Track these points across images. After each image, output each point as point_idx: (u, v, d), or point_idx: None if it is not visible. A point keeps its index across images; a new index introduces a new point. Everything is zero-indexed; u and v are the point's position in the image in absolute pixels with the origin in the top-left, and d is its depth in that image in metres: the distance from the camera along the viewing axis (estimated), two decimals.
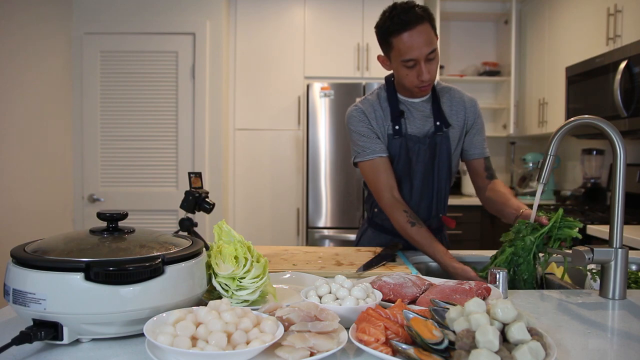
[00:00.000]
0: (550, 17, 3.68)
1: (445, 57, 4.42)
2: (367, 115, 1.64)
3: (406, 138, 1.64)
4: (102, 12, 3.69)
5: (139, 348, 0.80)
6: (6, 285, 0.81)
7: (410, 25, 1.45)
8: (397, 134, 1.63)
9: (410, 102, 1.66)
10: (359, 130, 1.64)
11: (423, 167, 1.67)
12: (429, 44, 1.47)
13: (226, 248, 0.97)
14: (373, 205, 1.80)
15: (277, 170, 4.04)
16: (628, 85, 2.54)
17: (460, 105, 1.69)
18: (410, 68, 1.51)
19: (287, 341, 0.74)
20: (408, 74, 1.53)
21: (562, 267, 1.50)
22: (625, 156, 1.10)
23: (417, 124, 1.66)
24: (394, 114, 1.64)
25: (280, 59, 3.99)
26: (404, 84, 1.58)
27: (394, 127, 1.64)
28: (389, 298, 0.99)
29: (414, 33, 1.45)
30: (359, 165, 1.67)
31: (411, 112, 1.66)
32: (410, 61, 1.49)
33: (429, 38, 1.47)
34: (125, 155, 3.73)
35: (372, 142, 1.62)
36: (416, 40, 1.46)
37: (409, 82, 1.55)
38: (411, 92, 1.62)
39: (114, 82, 3.70)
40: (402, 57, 1.49)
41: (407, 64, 1.50)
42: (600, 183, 3.45)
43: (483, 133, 1.71)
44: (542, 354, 0.68)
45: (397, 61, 1.52)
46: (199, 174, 1.31)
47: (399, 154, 1.65)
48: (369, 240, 1.82)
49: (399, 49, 1.49)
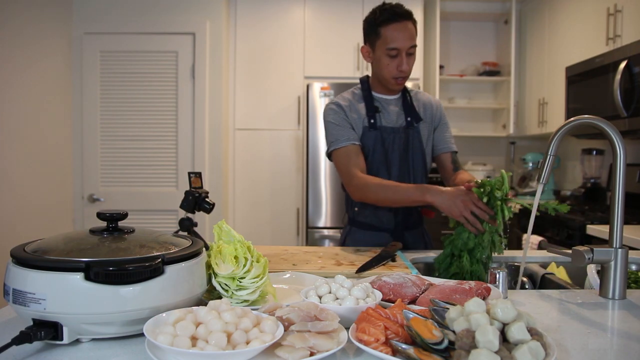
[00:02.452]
0: (550, 17, 3.68)
1: (445, 57, 4.42)
2: (344, 108, 1.76)
3: (381, 130, 1.76)
4: (102, 12, 3.69)
5: (139, 348, 0.80)
6: (6, 285, 0.81)
7: (399, 17, 1.65)
8: (372, 127, 1.76)
9: (384, 99, 1.81)
10: (335, 120, 1.75)
11: (399, 157, 1.78)
12: (412, 39, 1.67)
13: (226, 248, 0.97)
14: (353, 204, 1.86)
15: (277, 170, 4.04)
16: (628, 85, 2.54)
17: (427, 105, 1.85)
18: (392, 57, 1.68)
19: (287, 341, 0.74)
20: (389, 64, 1.69)
21: (562, 267, 1.50)
22: (625, 156, 1.10)
23: (391, 118, 1.79)
24: (369, 109, 1.77)
25: (280, 59, 3.99)
26: (383, 75, 1.72)
27: (370, 121, 1.76)
28: (389, 298, 0.99)
29: (401, 25, 1.65)
30: (333, 155, 1.75)
31: (385, 108, 1.80)
32: (394, 50, 1.66)
33: (412, 34, 1.68)
34: (125, 155, 3.73)
35: (346, 131, 1.73)
36: (402, 32, 1.65)
37: (388, 72, 1.70)
38: (387, 86, 1.76)
39: (114, 82, 3.70)
40: (388, 45, 1.66)
41: (390, 52, 1.67)
42: (600, 183, 3.45)
43: (449, 130, 1.87)
44: (542, 354, 0.68)
45: (382, 50, 1.68)
46: (199, 174, 1.31)
47: (375, 145, 1.76)
48: (355, 240, 1.85)
49: (386, 38, 1.66)
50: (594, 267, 1.29)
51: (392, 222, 1.80)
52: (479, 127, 4.45)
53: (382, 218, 1.81)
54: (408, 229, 1.82)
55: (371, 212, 1.81)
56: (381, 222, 1.81)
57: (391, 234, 1.81)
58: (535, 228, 3.02)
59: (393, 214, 1.80)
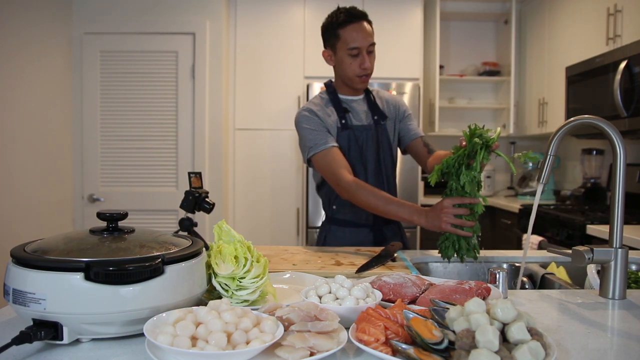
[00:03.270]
0: (550, 17, 3.68)
1: (445, 57, 4.42)
2: (317, 113, 1.79)
3: (353, 129, 1.81)
4: (102, 12, 3.69)
5: (139, 348, 0.80)
6: (6, 285, 0.81)
7: (355, 18, 1.72)
8: (345, 127, 1.80)
9: (350, 100, 1.86)
10: (310, 125, 1.76)
11: (373, 153, 1.83)
12: (370, 37, 1.74)
13: (226, 248, 0.97)
14: (331, 203, 1.89)
15: (277, 170, 4.04)
16: (628, 85, 2.54)
17: (390, 102, 1.91)
18: (354, 57, 1.73)
19: (287, 341, 0.74)
20: (352, 63, 1.74)
21: (562, 267, 1.50)
22: (625, 156, 1.10)
23: (360, 117, 1.85)
24: (338, 110, 1.82)
25: (280, 59, 3.99)
26: (347, 75, 1.77)
27: (341, 121, 1.80)
28: (389, 298, 0.99)
29: (358, 25, 1.72)
30: (313, 160, 1.75)
31: (353, 108, 1.85)
32: (354, 49, 1.72)
33: (370, 33, 1.74)
34: (125, 155, 3.73)
35: (324, 135, 1.75)
36: (360, 32, 1.72)
37: (351, 71, 1.75)
38: (351, 86, 1.81)
39: (114, 82, 3.70)
40: (349, 45, 1.72)
41: (352, 52, 1.72)
42: (600, 183, 3.45)
43: (413, 120, 1.93)
44: (542, 354, 0.68)
45: (343, 50, 1.74)
46: (199, 174, 1.31)
47: (349, 144, 1.80)
48: (335, 237, 1.88)
49: (346, 39, 1.73)
50: (594, 267, 1.29)
51: (370, 217, 1.84)
52: None
53: (361, 214, 1.84)
54: (387, 223, 1.86)
55: (350, 209, 1.84)
56: (360, 218, 1.85)
57: (370, 229, 1.85)
58: (535, 228, 3.02)
59: None
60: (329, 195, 1.88)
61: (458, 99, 4.36)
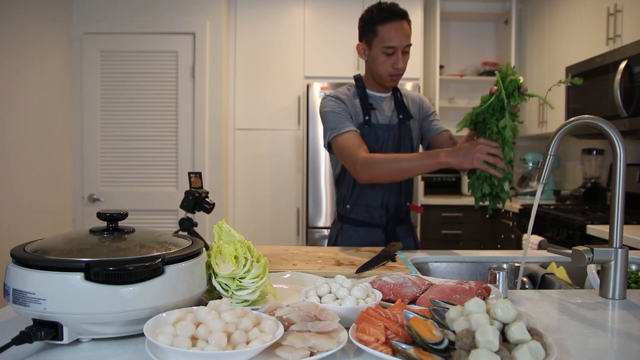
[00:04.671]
0: (550, 17, 3.68)
1: (445, 57, 4.42)
2: (343, 100, 1.79)
3: (375, 127, 1.79)
4: (102, 12, 3.69)
5: (139, 348, 0.80)
6: (6, 285, 0.81)
7: (396, 16, 1.70)
8: (367, 123, 1.79)
9: (378, 97, 1.84)
10: (335, 109, 1.75)
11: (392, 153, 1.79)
12: (408, 38, 1.72)
13: (226, 248, 0.97)
14: (345, 202, 1.88)
15: (277, 170, 4.04)
16: (628, 85, 2.54)
17: (415, 101, 1.90)
18: (388, 55, 1.71)
19: (287, 341, 0.74)
20: (385, 61, 1.72)
21: (562, 267, 1.50)
22: (625, 156, 1.10)
23: (386, 115, 1.83)
24: (364, 106, 1.80)
25: (280, 59, 3.99)
26: (379, 72, 1.75)
27: (365, 118, 1.79)
28: (389, 298, 0.99)
29: (398, 24, 1.69)
30: (332, 142, 1.73)
31: (379, 105, 1.83)
32: (390, 48, 1.69)
33: (408, 33, 1.72)
34: (125, 155, 3.73)
35: (347, 119, 1.74)
36: (399, 31, 1.69)
37: (384, 69, 1.73)
38: (382, 84, 1.79)
39: (114, 82, 3.70)
40: (385, 43, 1.69)
41: (387, 50, 1.70)
42: (600, 183, 3.45)
43: (437, 117, 1.93)
44: (542, 354, 0.68)
45: (378, 47, 1.72)
46: (199, 174, 1.31)
47: (369, 142, 1.77)
48: (348, 237, 1.86)
49: (383, 36, 1.70)
50: (594, 267, 1.29)
51: (384, 217, 1.84)
52: None
53: (374, 214, 1.83)
54: (400, 223, 1.86)
55: (363, 209, 1.84)
56: (373, 219, 1.84)
57: (383, 229, 1.84)
58: (535, 228, 3.02)
59: (385, 210, 1.84)
60: (345, 194, 1.87)
61: (458, 99, 4.36)
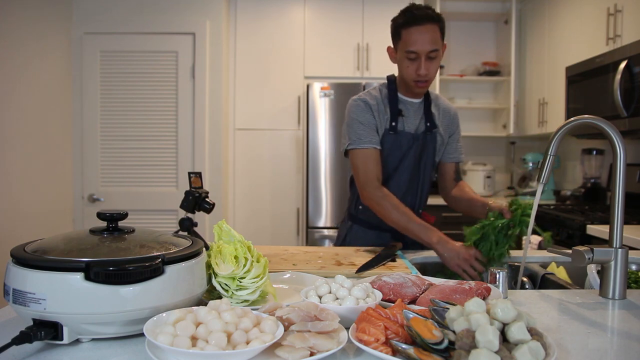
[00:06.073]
0: (550, 17, 3.68)
1: (446, 57, 4.42)
2: (371, 107, 1.73)
3: (400, 135, 1.74)
4: (102, 12, 3.68)
5: (139, 348, 0.80)
6: (6, 285, 0.81)
7: (420, 21, 1.61)
8: (393, 130, 1.73)
9: (408, 102, 1.77)
10: (360, 119, 1.72)
11: (412, 163, 1.77)
12: (433, 43, 1.62)
13: (226, 248, 0.97)
14: (358, 202, 1.86)
15: (277, 170, 4.04)
16: (628, 85, 2.54)
17: (446, 112, 1.83)
18: (411, 60, 1.64)
19: (287, 341, 0.74)
20: (409, 66, 1.66)
21: (562, 267, 1.50)
22: (625, 156, 1.10)
23: (413, 123, 1.76)
24: (393, 111, 1.74)
25: (280, 59, 3.99)
26: (404, 77, 1.70)
27: (391, 124, 1.73)
28: (389, 298, 0.99)
29: (421, 29, 1.61)
30: (350, 154, 1.74)
31: (409, 111, 1.76)
32: (412, 53, 1.63)
33: (434, 38, 1.62)
34: (125, 155, 3.73)
35: (370, 132, 1.71)
36: (422, 36, 1.61)
37: (408, 74, 1.67)
38: (410, 89, 1.73)
39: (114, 82, 3.70)
40: (407, 47, 1.63)
41: (409, 55, 1.63)
42: (600, 183, 3.45)
43: (461, 140, 1.88)
44: (542, 354, 0.68)
45: (402, 52, 1.66)
46: (199, 174, 1.31)
47: (392, 149, 1.74)
48: (356, 238, 1.85)
49: (405, 41, 1.63)
50: (594, 267, 1.29)
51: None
52: (479, 127, 4.45)
53: None
54: None
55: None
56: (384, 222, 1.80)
57: (393, 234, 1.81)
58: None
59: None
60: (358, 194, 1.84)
61: (458, 99, 4.36)
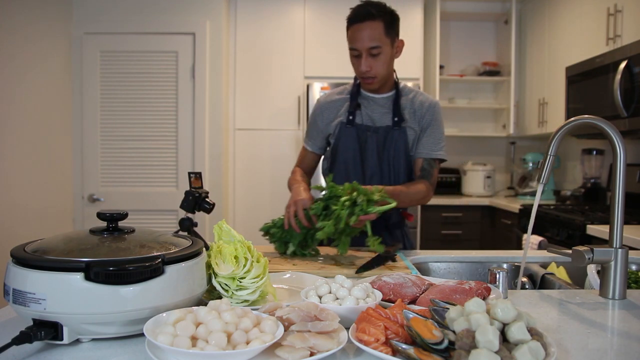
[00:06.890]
0: (550, 17, 3.68)
1: (445, 57, 4.42)
2: (322, 111, 1.84)
3: (357, 128, 1.78)
4: (102, 12, 3.69)
5: (139, 348, 0.80)
6: (6, 285, 0.81)
7: (358, 19, 1.65)
8: (350, 123, 1.78)
9: (371, 97, 1.81)
10: (311, 120, 1.90)
11: (375, 158, 1.76)
12: (372, 40, 1.64)
13: (226, 248, 0.97)
14: None
15: (277, 170, 4.03)
16: (628, 85, 2.54)
17: (419, 108, 1.78)
18: (355, 57, 1.71)
19: (287, 341, 0.74)
20: (354, 63, 1.73)
21: (562, 267, 1.50)
22: (625, 156, 1.10)
23: (374, 117, 1.79)
24: (351, 105, 1.80)
25: (280, 59, 3.99)
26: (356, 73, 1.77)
27: (348, 117, 1.79)
28: (389, 298, 0.99)
29: (361, 26, 1.65)
30: None
31: (370, 105, 1.80)
32: (354, 50, 1.69)
33: (374, 35, 1.64)
34: (125, 155, 3.72)
35: (314, 135, 1.88)
36: (361, 33, 1.65)
37: (355, 71, 1.75)
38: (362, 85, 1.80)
39: (114, 82, 3.70)
40: (349, 45, 1.70)
41: (353, 52, 1.71)
42: (600, 183, 3.45)
43: (435, 136, 1.77)
44: (542, 354, 0.68)
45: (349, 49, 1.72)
46: (199, 174, 1.31)
47: (349, 142, 1.78)
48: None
49: (349, 38, 1.70)
50: (594, 267, 1.29)
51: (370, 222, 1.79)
52: (479, 127, 4.45)
53: None
54: (387, 229, 1.81)
55: None
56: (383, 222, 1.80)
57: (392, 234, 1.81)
58: (535, 228, 3.02)
59: None
60: None
61: (458, 99, 4.36)
